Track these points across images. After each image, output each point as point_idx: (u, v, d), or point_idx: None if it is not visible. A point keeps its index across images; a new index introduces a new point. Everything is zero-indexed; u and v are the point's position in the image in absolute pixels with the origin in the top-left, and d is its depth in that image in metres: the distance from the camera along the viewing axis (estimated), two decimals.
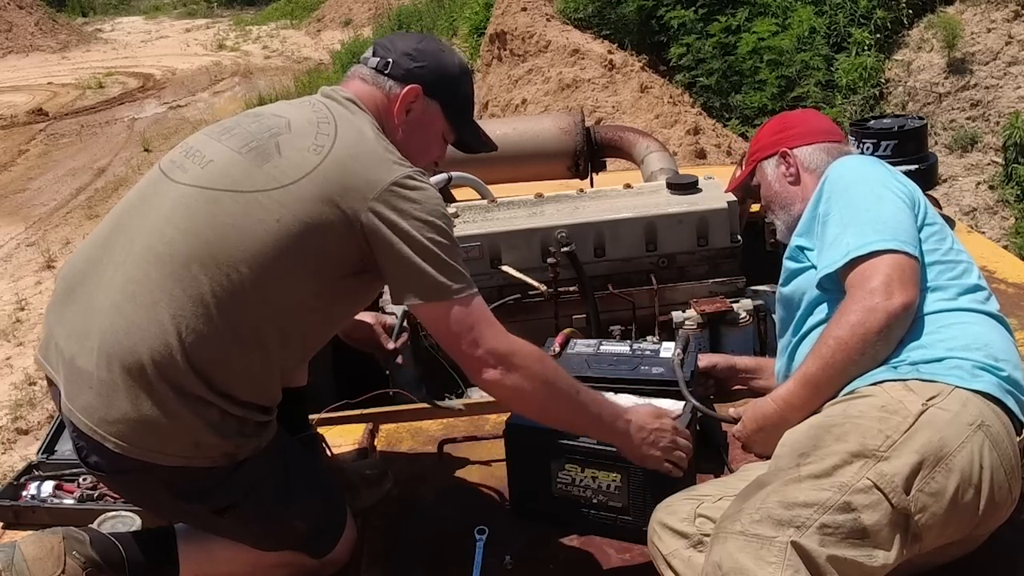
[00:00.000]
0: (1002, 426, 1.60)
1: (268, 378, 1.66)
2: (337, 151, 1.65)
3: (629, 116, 7.15)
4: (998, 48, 6.78)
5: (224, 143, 1.70)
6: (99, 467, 1.64)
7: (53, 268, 7.27)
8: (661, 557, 1.64)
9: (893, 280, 1.71)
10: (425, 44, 1.86)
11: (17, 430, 4.80)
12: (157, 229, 1.62)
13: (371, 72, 1.82)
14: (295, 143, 1.66)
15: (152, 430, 1.56)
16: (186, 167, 1.69)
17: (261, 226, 1.59)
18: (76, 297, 1.65)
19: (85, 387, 1.58)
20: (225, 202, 1.62)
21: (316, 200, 1.61)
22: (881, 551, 1.46)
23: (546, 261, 2.59)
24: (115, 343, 1.56)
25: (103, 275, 1.63)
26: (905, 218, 1.81)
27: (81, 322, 1.62)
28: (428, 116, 1.84)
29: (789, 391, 1.80)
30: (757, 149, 2.22)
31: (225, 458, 1.62)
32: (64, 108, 14.34)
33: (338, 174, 1.63)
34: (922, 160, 2.99)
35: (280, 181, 1.62)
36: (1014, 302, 2.58)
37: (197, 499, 1.66)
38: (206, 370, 1.57)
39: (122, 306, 1.58)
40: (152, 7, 29.41)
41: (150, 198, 1.69)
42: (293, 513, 1.74)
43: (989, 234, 5.96)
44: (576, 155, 3.45)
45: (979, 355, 1.67)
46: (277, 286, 1.61)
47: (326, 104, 1.77)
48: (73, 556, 1.63)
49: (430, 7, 13.86)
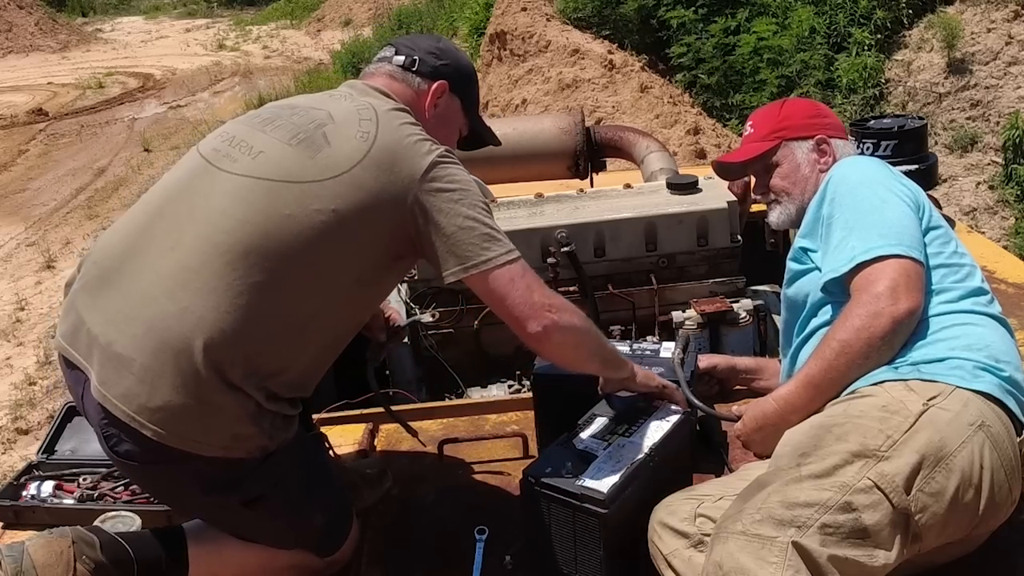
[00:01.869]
0: (1003, 427, 1.60)
1: (310, 371, 1.72)
2: (383, 138, 1.70)
3: (629, 116, 7.15)
4: (998, 48, 6.78)
5: (271, 135, 1.72)
6: (131, 456, 1.62)
7: (53, 268, 7.27)
8: (661, 557, 1.64)
9: (899, 285, 1.70)
10: (443, 44, 1.97)
11: (17, 430, 4.80)
12: (212, 219, 1.64)
13: (398, 69, 1.90)
14: (342, 132, 1.71)
15: (194, 419, 1.57)
16: (235, 157, 1.71)
17: (319, 216, 1.63)
18: (113, 283, 1.65)
19: (126, 373, 1.57)
20: (282, 193, 1.64)
21: (370, 186, 1.66)
22: (882, 551, 1.46)
23: (546, 261, 2.59)
24: (167, 329, 1.57)
25: (147, 262, 1.64)
26: (910, 223, 1.80)
27: (123, 308, 1.61)
28: (451, 111, 1.95)
29: (790, 391, 1.80)
30: (786, 127, 2.12)
31: (259, 450, 1.64)
32: (64, 108, 14.33)
33: (388, 160, 1.68)
34: (922, 160, 2.99)
35: (334, 171, 1.66)
36: (1014, 302, 2.58)
37: (229, 490, 1.66)
38: (253, 360, 1.60)
39: (175, 293, 1.59)
40: (152, 7, 29.39)
41: (198, 188, 1.70)
42: (314, 507, 1.75)
43: (989, 234, 5.96)
44: (576, 155, 3.45)
45: (980, 356, 1.67)
46: (329, 275, 1.65)
47: (358, 95, 1.82)
48: (83, 561, 1.61)
49: (430, 7, 13.87)
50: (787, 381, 1.85)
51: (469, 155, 2.06)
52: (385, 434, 2.32)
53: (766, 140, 2.13)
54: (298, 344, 1.66)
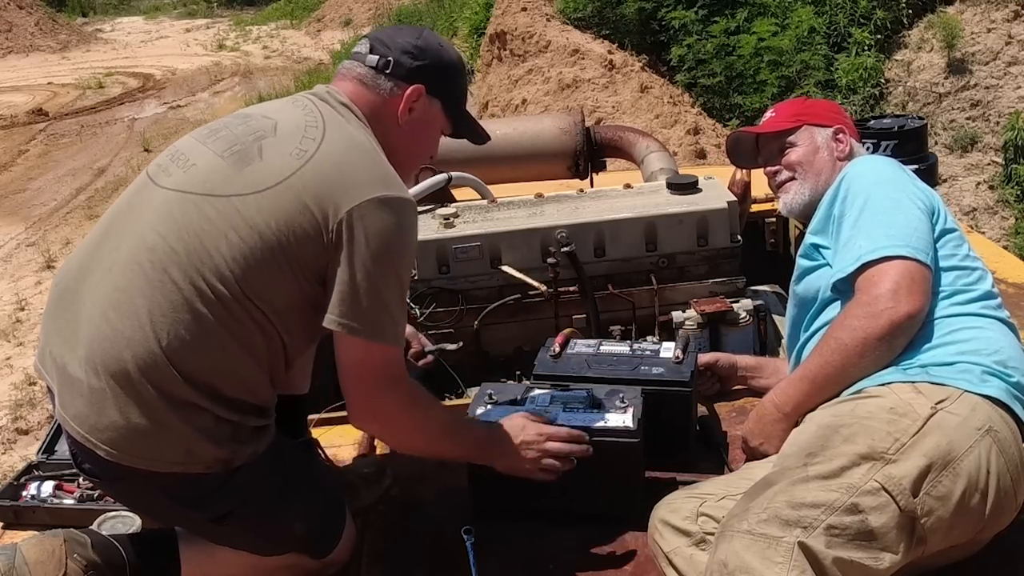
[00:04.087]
0: (1009, 432, 1.60)
1: (259, 382, 1.64)
2: (319, 157, 1.61)
3: (629, 116, 7.15)
4: (998, 48, 6.78)
5: (208, 146, 1.68)
6: (93, 473, 1.64)
7: (53, 268, 7.27)
8: (663, 555, 1.64)
9: (901, 287, 1.69)
10: (424, 40, 1.81)
11: (17, 430, 4.79)
12: (140, 235, 1.61)
13: (369, 71, 1.77)
14: (278, 148, 1.64)
15: (142, 438, 1.55)
16: (170, 171, 1.68)
17: (238, 232, 1.57)
18: (67, 304, 1.64)
19: (76, 395, 1.58)
20: (203, 207, 1.60)
21: (292, 205, 1.58)
22: (888, 553, 1.46)
23: (546, 261, 2.58)
24: (101, 351, 1.56)
25: (91, 282, 1.62)
26: (920, 225, 1.79)
27: (71, 330, 1.61)
28: (429, 114, 1.82)
29: (787, 384, 1.82)
30: (808, 113, 2.16)
31: (220, 464, 1.60)
32: (64, 108, 14.32)
33: (316, 180, 1.59)
34: (922, 160, 2.99)
35: (257, 186, 1.60)
36: (1014, 302, 2.58)
37: (194, 506, 1.64)
38: (195, 376, 1.56)
39: (108, 314, 1.57)
40: (152, 7, 29.41)
41: (136, 204, 1.68)
42: (292, 517, 1.73)
43: (989, 234, 5.96)
44: (576, 155, 3.45)
45: (989, 360, 1.66)
46: (260, 290, 1.58)
47: (319, 107, 1.72)
48: (74, 559, 1.63)
49: (430, 7, 13.86)
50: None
51: (469, 154, 2.06)
52: None
53: (788, 120, 2.16)
54: (246, 359, 1.60)
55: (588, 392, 1.94)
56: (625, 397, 1.90)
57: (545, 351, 2.16)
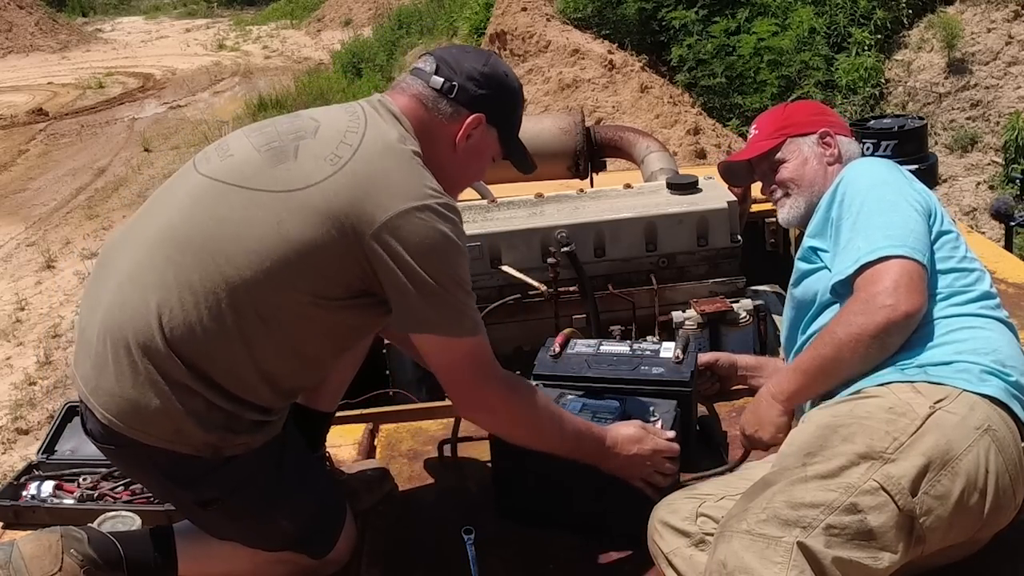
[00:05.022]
0: (1008, 431, 1.60)
1: (254, 377, 1.63)
2: (354, 165, 1.60)
3: (629, 116, 7.15)
4: (998, 48, 6.79)
5: (250, 139, 1.71)
6: (93, 435, 1.67)
7: (53, 268, 7.27)
8: (662, 555, 1.64)
9: (900, 286, 1.69)
10: (491, 67, 1.78)
11: (17, 430, 4.80)
12: (168, 216, 1.66)
13: (431, 92, 1.74)
14: (314, 150, 1.63)
15: (133, 409, 1.58)
16: (211, 159, 1.72)
17: (259, 226, 1.58)
18: (100, 271, 1.72)
19: (86, 356, 1.64)
20: (229, 196, 1.63)
21: (320, 213, 1.57)
22: (887, 553, 1.46)
23: (546, 261, 2.59)
24: (110, 319, 1.60)
25: (122, 254, 1.68)
26: (917, 226, 1.79)
27: (97, 295, 1.67)
28: (486, 142, 1.80)
29: (782, 374, 1.85)
30: (789, 124, 2.13)
31: (208, 449, 1.61)
32: (64, 108, 14.34)
33: (348, 190, 1.58)
34: (922, 160, 3.00)
35: (287, 185, 1.60)
36: (1014, 302, 2.58)
37: (182, 486, 1.67)
38: (189, 358, 1.57)
39: (123, 285, 1.62)
40: (152, 7, 29.43)
41: (174, 186, 1.74)
42: (280, 514, 1.73)
43: (989, 234, 5.96)
44: (576, 155, 3.45)
45: (987, 360, 1.66)
46: (268, 288, 1.58)
47: (366, 113, 1.71)
48: (71, 554, 1.64)
49: (430, 7, 13.85)
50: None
51: None
52: (385, 434, 2.31)
53: (771, 138, 2.14)
54: (243, 352, 1.59)
55: (620, 402, 1.92)
56: (657, 410, 1.89)
57: (545, 351, 2.16)
